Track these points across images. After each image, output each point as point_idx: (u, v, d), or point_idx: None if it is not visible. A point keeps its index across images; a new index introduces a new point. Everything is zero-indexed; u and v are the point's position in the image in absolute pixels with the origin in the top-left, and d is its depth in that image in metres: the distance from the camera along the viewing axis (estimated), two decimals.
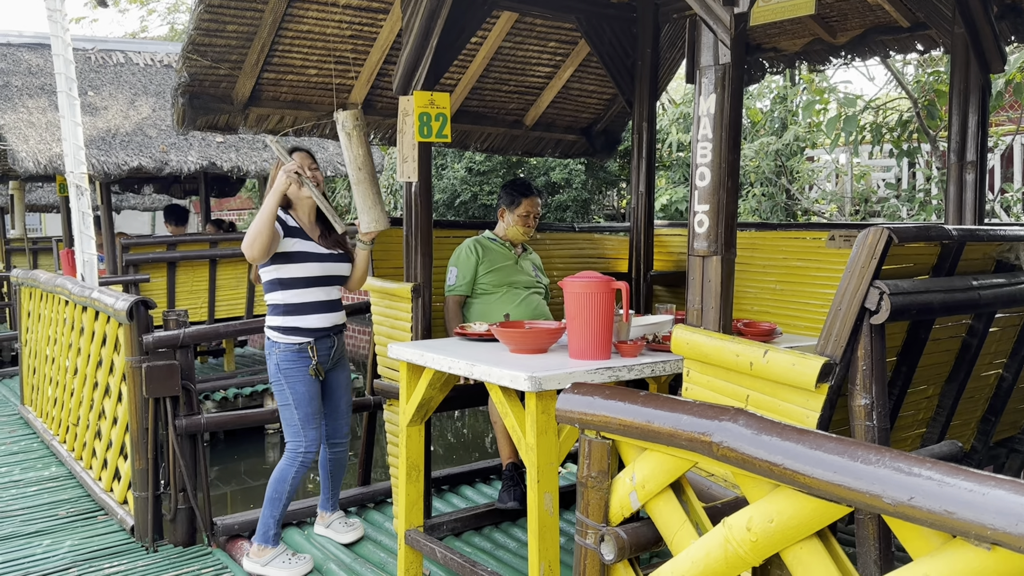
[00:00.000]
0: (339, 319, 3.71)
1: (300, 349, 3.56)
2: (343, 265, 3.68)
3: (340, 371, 3.83)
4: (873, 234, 2.14)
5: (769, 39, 5.08)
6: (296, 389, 3.56)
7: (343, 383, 3.84)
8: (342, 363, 3.83)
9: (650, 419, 1.84)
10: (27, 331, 6.66)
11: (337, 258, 3.66)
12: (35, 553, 4.01)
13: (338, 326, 3.71)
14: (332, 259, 3.64)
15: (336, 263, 3.65)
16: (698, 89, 2.58)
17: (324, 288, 3.63)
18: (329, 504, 4.05)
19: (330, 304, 3.66)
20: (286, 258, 3.54)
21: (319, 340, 3.61)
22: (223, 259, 8.17)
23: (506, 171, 10.50)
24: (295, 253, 3.54)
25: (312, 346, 3.58)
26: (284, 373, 3.57)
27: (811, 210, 9.10)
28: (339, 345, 3.75)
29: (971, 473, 1.32)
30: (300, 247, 3.56)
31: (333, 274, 3.65)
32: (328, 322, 3.64)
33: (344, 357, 3.85)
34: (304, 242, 3.58)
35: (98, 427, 4.82)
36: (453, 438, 8.92)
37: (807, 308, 4.13)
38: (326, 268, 3.61)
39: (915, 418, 2.78)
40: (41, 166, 7.66)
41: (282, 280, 3.56)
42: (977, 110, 3.70)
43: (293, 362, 3.56)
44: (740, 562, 1.70)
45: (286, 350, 3.56)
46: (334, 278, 3.66)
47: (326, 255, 3.62)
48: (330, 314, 3.65)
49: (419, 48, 3.74)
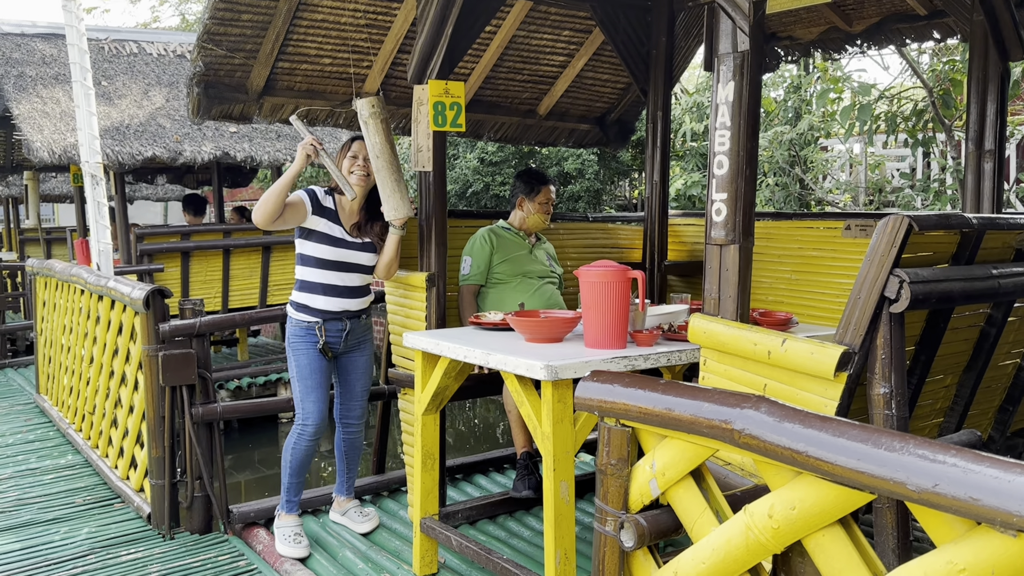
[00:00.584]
0: (353, 305, 3.72)
1: (308, 327, 3.66)
2: (363, 255, 3.69)
3: (358, 355, 3.85)
4: (893, 222, 2.13)
5: (785, 27, 5.05)
6: (299, 361, 3.68)
7: (360, 367, 3.86)
8: (362, 348, 3.85)
9: (671, 407, 1.84)
10: (42, 320, 6.71)
11: (359, 247, 3.67)
12: (53, 540, 4.05)
13: (351, 312, 3.72)
14: (351, 247, 3.66)
15: (355, 251, 3.67)
16: (716, 77, 2.57)
17: (338, 273, 3.65)
18: (344, 488, 4.06)
19: (343, 290, 3.67)
20: (307, 235, 3.64)
21: (328, 322, 3.66)
22: (237, 249, 8.20)
23: (518, 161, 10.49)
24: (316, 232, 3.63)
25: (321, 327, 3.64)
26: (291, 345, 3.71)
27: (825, 200, 9.05)
28: (355, 329, 3.76)
29: (996, 460, 1.32)
30: (322, 227, 3.62)
31: (348, 261, 3.66)
32: (337, 307, 3.66)
33: (366, 343, 3.87)
34: (329, 224, 3.63)
35: (114, 415, 4.85)
36: (465, 427, 8.94)
37: (822, 298, 4.12)
38: (341, 254, 3.64)
39: (933, 407, 2.77)
40: (56, 156, 7.69)
41: (303, 256, 3.68)
42: (996, 98, 3.67)
43: (300, 337, 3.68)
44: (761, 549, 1.70)
45: (296, 325, 3.69)
46: (349, 265, 3.67)
47: (346, 241, 3.65)
48: (341, 299, 3.67)
49: (434, 37, 3.73)
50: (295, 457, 3.73)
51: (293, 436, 3.73)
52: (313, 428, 3.68)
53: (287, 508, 3.81)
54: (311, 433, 3.69)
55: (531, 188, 4.22)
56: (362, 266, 3.72)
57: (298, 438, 3.71)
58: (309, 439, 3.70)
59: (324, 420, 3.72)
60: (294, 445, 3.72)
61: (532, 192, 4.22)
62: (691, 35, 5.00)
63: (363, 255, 3.70)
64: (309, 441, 3.70)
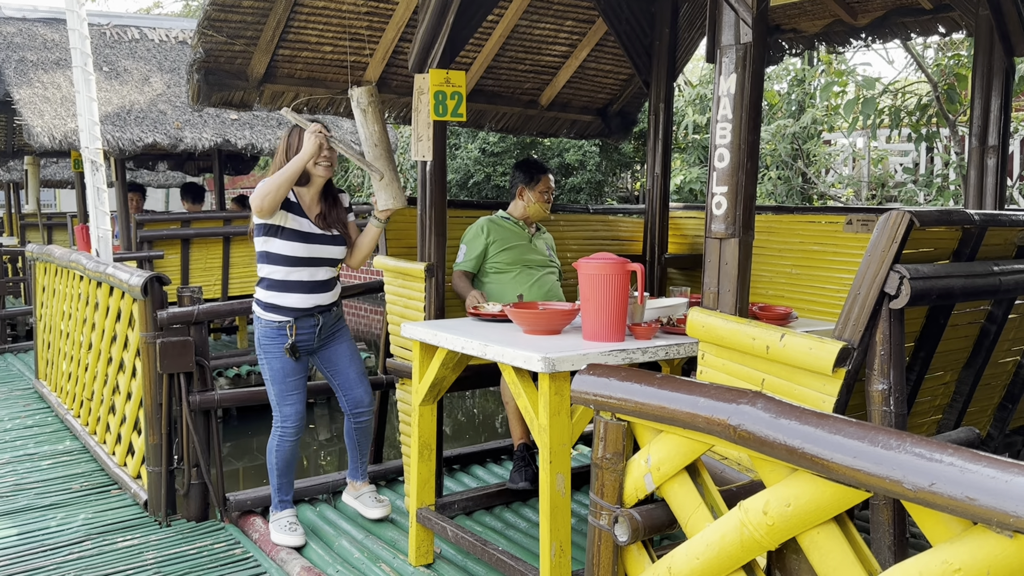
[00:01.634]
0: (325, 299, 3.64)
1: (279, 327, 3.57)
2: (335, 248, 3.60)
3: (338, 344, 3.78)
4: (894, 217, 2.11)
5: (789, 20, 5.02)
6: (272, 365, 3.60)
7: (345, 354, 3.80)
8: (339, 336, 3.78)
9: (667, 401, 1.83)
10: (42, 306, 6.70)
11: (329, 240, 3.58)
12: (49, 526, 4.05)
13: (322, 306, 3.64)
14: (322, 240, 3.57)
15: (326, 245, 3.58)
16: (718, 69, 2.55)
17: (309, 268, 3.56)
18: (359, 473, 4.00)
19: (314, 285, 3.58)
20: (275, 232, 3.50)
21: (299, 319, 3.58)
22: (237, 236, 8.18)
23: (519, 152, 10.46)
24: (284, 229, 3.50)
25: (291, 325, 3.56)
26: (263, 348, 3.61)
27: (827, 194, 9.03)
28: (327, 323, 3.68)
29: (993, 460, 1.31)
30: (291, 224, 3.50)
31: (320, 256, 3.57)
32: (309, 303, 3.58)
33: (340, 331, 3.79)
34: (297, 218, 3.51)
35: (112, 402, 4.85)
36: (464, 418, 8.94)
37: (823, 292, 4.10)
38: (313, 249, 3.54)
39: (931, 404, 2.76)
40: (56, 141, 7.67)
41: (268, 254, 3.55)
42: (1000, 94, 3.64)
43: (271, 338, 3.59)
44: (756, 546, 1.69)
45: (266, 326, 3.59)
46: (321, 260, 3.58)
47: (316, 235, 3.55)
48: (313, 295, 3.59)
49: (435, 26, 3.70)
50: (280, 459, 3.70)
51: (275, 439, 3.69)
52: (293, 429, 3.66)
53: (280, 507, 3.79)
54: (292, 434, 3.67)
55: (531, 177, 4.22)
56: (333, 259, 3.62)
57: (280, 440, 3.67)
58: (291, 439, 3.68)
59: (302, 419, 3.69)
60: (277, 448, 3.69)
61: (532, 181, 4.22)
62: (694, 27, 4.97)
63: (334, 248, 3.60)
64: (291, 441, 3.68)
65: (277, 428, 3.68)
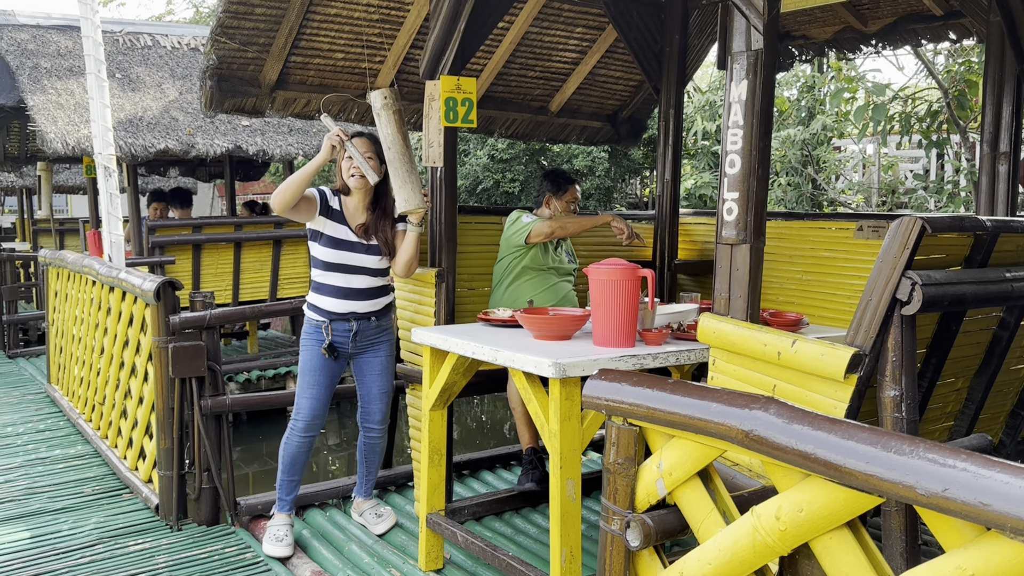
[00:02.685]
0: (361, 307, 3.68)
1: (316, 325, 3.70)
2: (369, 257, 3.64)
3: (372, 356, 3.80)
4: (906, 224, 2.12)
5: (799, 27, 5.02)
6: (303, 356, 3.73)
7: (376, 369, 3.82)
8: (376, 349, 3.80)
9: (679, 406, 1.83)
10: (54, 311, 6.74)
11: (363, 249, 3.63)
12: (61, 530, 4.07)
13: (358, 313, 3.68)
14: (356, 249, 3.62)
15: (360, 253, 3.63)
16: (730, 75, 2.55)
17: (343, 275, 3.63)
18: (362, 490, 4.05)
19: (348, 291, 3.64)
20: (315, 236, 3.66)
21: (335, 322, 3.67)
22: (248, 242, 8.22)
23: (528, 158, 10.48)
24: (323, 235, 3.62)
25: (327, 327, 3.66)
26: (302, 340, 3.76)
27: (837, 200, 9.01)
28: (364, 331, 3.72)
29: (1007, 465, 1.31)
30: (329, 230, 3.62)
31: (352, 263, 3.63)
32: (343, 308, 3.65)
33: (380, 344, 3.80)
34: (336, 226, 3.62)
35: (124, 406, 4.87)
36: (473, 423, 8.95)
37: (834, 299, 4.10)
38: (344, 256, 3.61)
39: (943, 411, 2.75)
40: (69, 147, 7.71)
41: (314, 258, 3.71)
42: (1012, 100, 3.64)
43: (308, 335, 3.73)
44: (768, 551, 1.69)
45: (307, 323, 3.74)
46: (354, 267, 3.63)
47: (350, 243, 3.61)
48: (346, 301, 3.65)
49: (446, 33, 3.72)
50: (286, 452, 3.76)
51: (287, 431, 3.77)
52: (303, 424, 3.69)
53: (279, 507, 3.81)
54: (301, 428, 3.70)
55: (559, 187, 4.31)
56: (368, 268, 3.66)
57: (290, 432, 3.74)
58: (300, 434, 3.71)
59: (316, 417, 3.71)
60: (286, 440, 3.76)
61: (560, 191, 4.29)
62: (704, 33, 4.98)
63: (368, 257, 3.64)
64: (300, 437, 3.71)
65: (292, 421, 3.75)
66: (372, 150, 3.63)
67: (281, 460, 3.79)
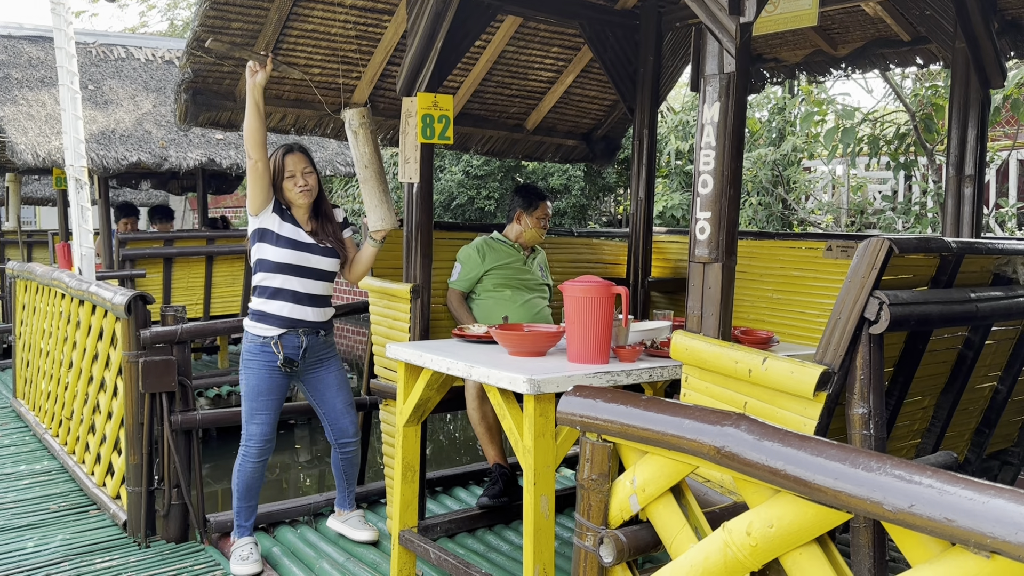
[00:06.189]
0: (312, 315, 3.63)
1: (263, 343, 3.57)
2: (327, 260, 3.63)
3: (326, 371, 3.77)
4: (874, 244, 2.16)
5: (770, 49, 5.11)
6: (249, 381, 3.61)
7: (334, 384, 3.80)
8: (328, 364, 3.78)
9: (653, 423, 1.85)
10: (21, 324, 6.65)
11: (321, 251, 3.62)
12: (26, 547, 4.00)
13: (308, 323, 3.63)
14: (314, 250, 3.60)
15: (318, 255, 3.61)
16: (702, 97, 2.59)
17: (296, 278, 3.58)
18: (346, 503, 4.03)
19: (304, 297, 3.59)
20: (265, 237, 3.57)
21: (284, 336, 3.57)
22: (219, 256, 8.16)
23: (503, 175, 10.52)
24: (277, 235, 3.56)
25: (276, 342, 3.56)
26: (244, 362, 3.63)
27: (807, 220, 9.13)
28: (313, 347, 3.67)
29: (971, 482, 1.34)
30: (285, 231, 3.57)
31: (311, 265, 3.59)
32: (296, 314, 3.58)
33: (328, 359, 3.78)
34: (291, 227, 3.59)
35: (92, 421, 4.81)
36: (446, 440, 8.92)
37: (803, 317, 4.15)
38: (299, 257, 3.57)
39: (910, 428, 2.80)
40: (39, 159, 7.64)
41: (261, 260, 3.60)
42: (976, 124, 3.72)
43: (253, 354, 3.60)
44: (739, 567, 1.71)
45: (251, 340, 3.60)
46: (312, 270, 3.60)
47: (307, 244, 3.59)
48: (301, 306, 3.58)
49: (423, 50, 3.75)
50: (241, 480, 3.67)
51: (239, 458, 3.67)
52: (257, 450, 3.64)
53: (238, 533, 3.74)
54: (255, 455, 3.65)
55: (529, 203, 4.32)
56: (323, 271, 3.63)
57: (243, 460, 3.66)
58: (254, 461, 3.65)
59: (268, 441, 3.66)
60: (239, 467, 3.67)
61: (530, 207, 4.31)
62: (678, 55, 5.04)
63: (326, 260, 3.63)
64: (255, 463, 3.65)
65: (242, 447, 3.66)
66: (310, 164, 3.63)
67: (236, 487, 3.69)
